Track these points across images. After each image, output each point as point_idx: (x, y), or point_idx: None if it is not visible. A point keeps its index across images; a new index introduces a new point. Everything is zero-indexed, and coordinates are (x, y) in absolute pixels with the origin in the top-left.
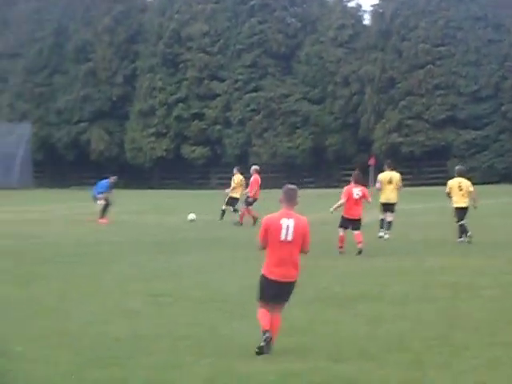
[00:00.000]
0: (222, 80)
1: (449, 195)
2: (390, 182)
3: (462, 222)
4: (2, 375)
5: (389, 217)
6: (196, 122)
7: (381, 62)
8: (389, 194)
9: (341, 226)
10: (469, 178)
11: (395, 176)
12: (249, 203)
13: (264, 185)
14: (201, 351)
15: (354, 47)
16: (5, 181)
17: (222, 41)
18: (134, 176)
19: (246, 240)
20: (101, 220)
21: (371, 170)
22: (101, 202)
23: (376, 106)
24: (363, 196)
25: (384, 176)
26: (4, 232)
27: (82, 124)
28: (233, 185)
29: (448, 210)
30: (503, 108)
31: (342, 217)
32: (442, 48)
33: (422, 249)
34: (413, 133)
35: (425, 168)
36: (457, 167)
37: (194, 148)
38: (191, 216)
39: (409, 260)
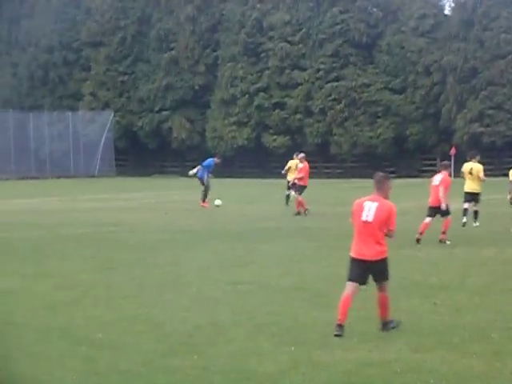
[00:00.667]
0: (304, 69)
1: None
2: (470, 172)
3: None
4: (85, 362)
5: (473, 207)
6: (277, 111)
7: (463, 52)
8: (470, 184)
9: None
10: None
11: (476, 166)
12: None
13: (344, 174)
14: (281, 339)
15: (435, 37)
16: (87, 169)
17: (303, 30)
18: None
19: (330, 230)
20: (203, 204)
21: (452, 160)
22: (206, 181)
23: (457, 96)
24: (442, 183)
25: (465, 166)
26: (86, 220)
27: (164, 112)
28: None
29: None
30: None
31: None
32: None
33: (503, 239)
34: (494, 123)
35: (506, 158)
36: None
37: (274, 137)
38: (217, 202)
39: (490, 250)
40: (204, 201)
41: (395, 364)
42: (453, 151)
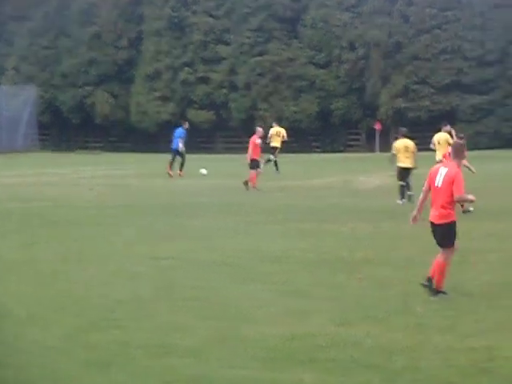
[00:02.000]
0: (228, 44)
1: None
2: (406, 149)
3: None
4: (8, 339)
5: (406, 182)
6: (201, 85)
7: (387, 27)
8: (405, 160)
9: None
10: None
11: (409, 143)
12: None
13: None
14: (203, 314)
15: (359, 11)
16: (10, 144)
17: (227, 4)
18: (140, 140)
19: (257, 205)
20: (180, 173)
21: (377, 135)
22: (182, 149)
23: (382, 71)
24: None
25: (399, 144)
26: (8, 195)
27: (87, 87)
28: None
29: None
30: (509, 72)
31: None
32: (448, 12)
33: (428, 212)
34: (418, 98)
35: (430, 133)
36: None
37: (199, 112)
38: (203, 171)
39: (416, 225)
40: (181, 170)
41: (319, 338)
42: (377, 126)
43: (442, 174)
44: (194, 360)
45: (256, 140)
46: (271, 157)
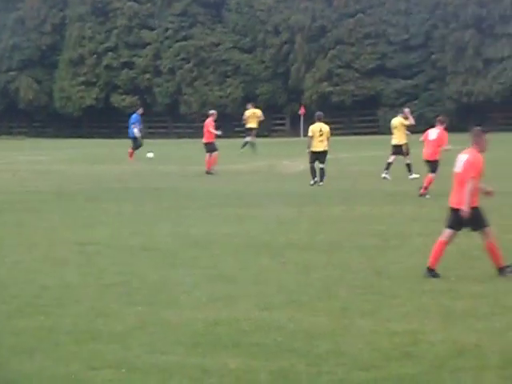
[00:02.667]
0: (152, 29)
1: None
2: (320, 133)
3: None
4: None
5: (319, 165)
6: (126, 70)
7: (311, 11)
8: (318, 144)
9: None
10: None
11: (325, 127)
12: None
13: (194, 134)
14: (129, 299)
15: None
16: None
17: None
18: (64, 125)
19: (179, 190)
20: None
21: (302, 120)
22: (138, 134)
23: (306, 56)
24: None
25: (314, 127)
26: None
27: (11, 73)
28: None
29: (377, 158)
30: (433, 57)
31: None
32: None
33: (352, 197)
34: (343, 82)
35: (355, 117)
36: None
37: (123, 97)
38: (150, 154)
39: (338, 208)
40: (132, 152)
41: (243, 322)
42: (302, 111)
43: (461, 159)
44: (119, 345)
45: (210, 123)
46: (248, 138)
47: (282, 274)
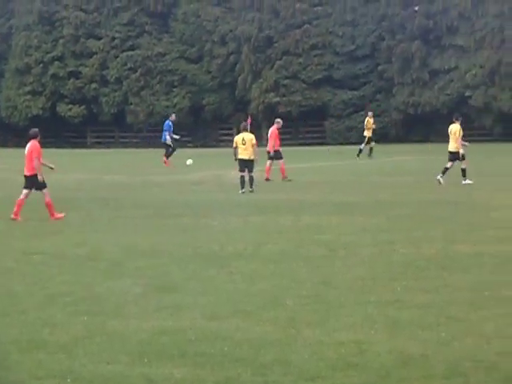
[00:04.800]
0: (99, 38)
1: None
2: (243, 142)
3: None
4: None
5: (249, 173)
6: (72, 80)
7: (257, 22)
8: (243, 152)
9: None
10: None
11: (248, 136)
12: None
13: (141, 143)
14: (74, 309)
15: (231, 6)
16: None
17: None
18: (10, 135)
19: (127, 200)
20: (166, 161)
21: (249, 130)
22: (168, 141)
23: (253, 66)
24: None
25: (238, 137)
26: None
27: None
28: None
29: (324, 168)
30: (380, 68)
31: None
32: (318, 8)
33: (300, 208)
34: (289, 93)
35: (302, 128)
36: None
37: (70, 106)
38: (189, 161)
39: (286, 218)
40: (167, 158)
41: (190, 332)
42: (249, 121)
43: None
44: (64, 355)
45: (276, 131)
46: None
47: (228, 283)
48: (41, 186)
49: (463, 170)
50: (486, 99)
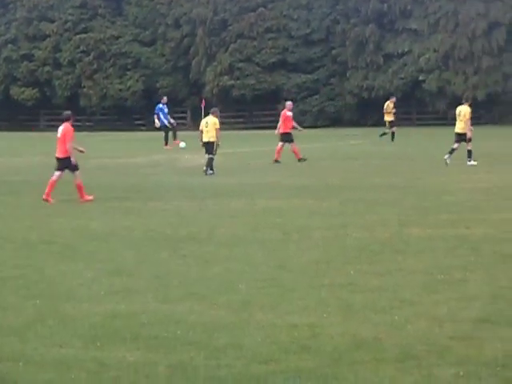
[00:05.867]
0: (52, 21)
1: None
2: (206, 125)
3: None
4: None
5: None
6: (25, 62)
7: (212, 4)
8: (206, 134)
9: None
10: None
11: (211, 119)
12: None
13: (94, 127)
14: (26, 293)
15: None
16: None
17: None
18: None
19: (84, 183)
20: (175, 142)
21: (203, 113)
22: (157, 125)
23: (207, 49)
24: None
25: (203, 121)
26: None
27: None
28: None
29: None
30: (334, 52)
31: None
32: None
33: (254, 191)
34: (244, 76)
35: (256, 111)
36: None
37: (23, 89)
38: (182, 144)
39: (239, 202)
40: (175, 139)
41: (142, 316)
42: (203, 104)
43: None
44: (16, 338)
45: (287, 113)
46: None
47: (181, 267)
48: (73, 167)
49: (469, 151)
50: (440, 83)
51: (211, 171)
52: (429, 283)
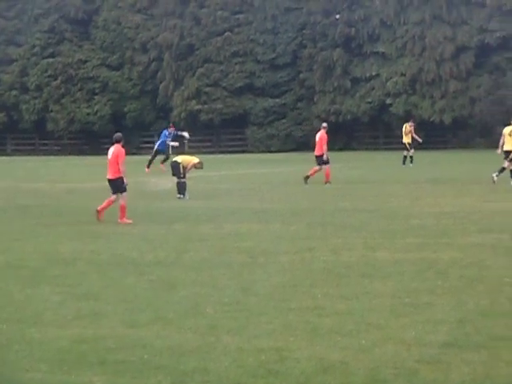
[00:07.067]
0: (19, 45)
1: None
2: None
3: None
4: None
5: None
6: None
7: (179, 29)
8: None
9: None
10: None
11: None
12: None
13: (62, 151)
14: None
15: (152, 13)
16: None
17: (18, 5)
18: None
19: (48, 207)
20: (162, 166)
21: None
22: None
23: (174, 74)
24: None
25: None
26: None
27: None
28: None
29: (244, 176)
30: (301, 76)
31: None
32: (239, 15)
33: (221, 215)
34: (211, 100)
35: (224, 136)
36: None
37: None
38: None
39: (207, 226)
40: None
41: (109, 340)
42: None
43: None
44: None
45: (325, 135)
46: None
47: (148, 291)
48: (122, 189)
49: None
50: (407, 107)
51: (182, 195)
52: (396, 307)
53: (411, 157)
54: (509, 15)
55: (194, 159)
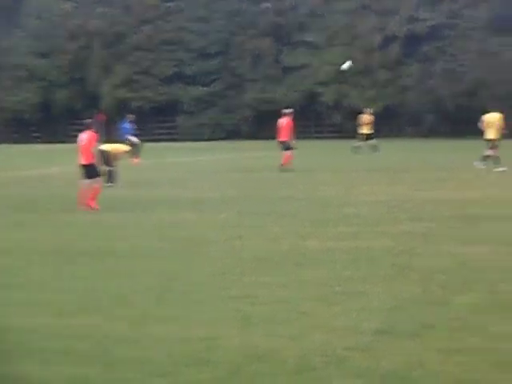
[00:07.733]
0: None
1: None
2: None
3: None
4: None
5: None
6: None
7: (109, 17)
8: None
9: None
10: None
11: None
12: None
13: None
14: None
15: (81, 1)
16: None
17: None
18: None
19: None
20: (137, 160)
21: (101, 125)
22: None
23: (104, 61)
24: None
25: None
26: None
27: None
28: None
29: (177, 164)
30: (232, 64)
31: None
32: (170, 3)
33: (152, 204)
34: (141, 88)
35: (154, 124)
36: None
37: None
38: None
39: (138, 215)
40: (136, 157)
41: (39, 330)
42: (100, 116)
43: None
44: None
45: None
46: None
47: (76, 280)
48: (97, 174)
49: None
50: (337, 96)
51: (112, 183)
52: (328, 295)
53: (375, 145)
54: (437, 4)
55: (123, 147)
